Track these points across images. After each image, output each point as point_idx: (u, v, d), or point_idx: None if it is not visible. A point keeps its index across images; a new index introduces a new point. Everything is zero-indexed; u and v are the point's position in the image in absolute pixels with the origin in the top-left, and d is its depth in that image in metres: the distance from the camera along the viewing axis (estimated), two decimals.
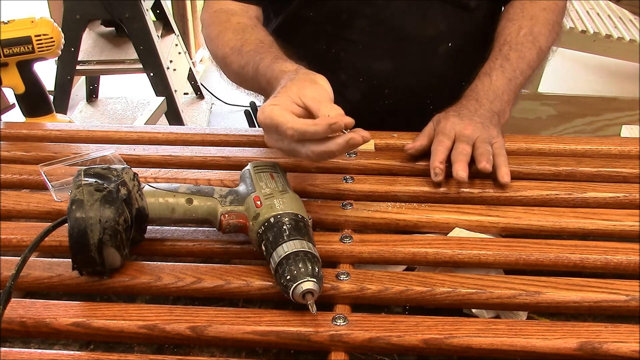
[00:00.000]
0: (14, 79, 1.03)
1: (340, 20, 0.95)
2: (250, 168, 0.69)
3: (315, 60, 0.98)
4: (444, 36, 0.96)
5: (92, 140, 0.93)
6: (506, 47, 0.91)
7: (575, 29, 2.26)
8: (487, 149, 0.77)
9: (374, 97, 0.96)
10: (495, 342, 0.55)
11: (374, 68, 0.96)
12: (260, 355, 0.59)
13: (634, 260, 0.65)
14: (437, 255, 0.66)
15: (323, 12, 0.95)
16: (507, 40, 0.92)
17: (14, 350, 0.56)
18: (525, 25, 0.93)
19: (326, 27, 0.96)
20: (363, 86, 0.98)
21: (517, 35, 0.92)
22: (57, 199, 0.75)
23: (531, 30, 0.92)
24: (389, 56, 0.84)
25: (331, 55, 0.97)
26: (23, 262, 0.58)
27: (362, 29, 0.95)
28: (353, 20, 0.95)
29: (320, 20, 0.96)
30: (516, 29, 0.92)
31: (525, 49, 0.92)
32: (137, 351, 0.60)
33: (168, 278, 0.62)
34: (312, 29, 0.96)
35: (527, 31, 0.92)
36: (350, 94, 0.98)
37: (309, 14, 0.96)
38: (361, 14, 0.94)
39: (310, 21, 0.96)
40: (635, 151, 0.87)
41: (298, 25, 0.97)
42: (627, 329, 0.56)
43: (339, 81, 0.98)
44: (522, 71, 0.90)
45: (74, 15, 2.24)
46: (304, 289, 0.55)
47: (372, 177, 0.80)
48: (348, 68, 0.97)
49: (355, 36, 0.95)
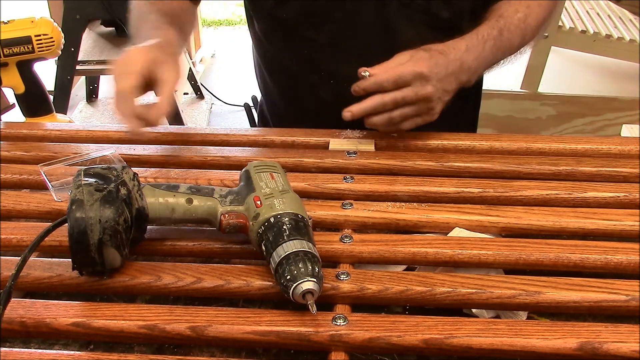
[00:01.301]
0: (14, 79, 1.03)
1: (310, 22, 0.96)
2: (250, 168, 0.69)
3: (293, 60, 1.01)
4: (414, 43, 0.95)
5: (92, 140, 0.93)
6: (502, 21, 0.90)
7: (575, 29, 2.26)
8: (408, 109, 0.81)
9: (344, 98, 0.97)
10: (495, 342, 0.55)
11: (343, 71, 0.94)
12: (260, 355, 0.59)
13: (634, 260, 0.65)
14: (437, 255, 0.66)
15: (295, 14, 0.96)
16: (504, 15, 0.91)
17: (14, 350, 0.56)
18: (521, 10, 0.92)
19: (298, 29, 0.97)
20: (334, 88, 0.98)
21: (513, 16, 0.91)
22: (57, 199, 0.75)
23: (525, 18, 0.92)
24: (357, 60, 0.85)
25: (305, 57, 0.99)
26: (23, 262, 0.58)
27: (332, 33, 0.95)
28: (324, 23, 0.95)
29: (293, 22, 0.96)
30: (513, 10, 0.92)
31: (515, 34, 0.91)
32: (137, 351, 0.60)
33: (168, 278, 0.62)
34: (288, 29, 0.97)
35: (522, 17, 0.92)
36: (322, 94, 1.00)
37: (282, 15, 0.96)
38: (331, 17, 0.95)
39: (284, 22, 0.97)
40: (635, 151, 0.87)
41: (275, 26, 0.99)
42: (627, 329, 0.56)
43: (311, 82, 1.01)
44: (503, 52, 0.91)
45: (74, 15, 2.24)
46: (304, 289, 0.55)
47: (372, 177, 0.80)
48: (319, 70, 0.99)
49: (326, 39, 0.96)
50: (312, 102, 1.03)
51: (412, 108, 0.82)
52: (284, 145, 0.90)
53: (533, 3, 0.94)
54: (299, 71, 1.01)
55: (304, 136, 0.91)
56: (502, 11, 0.92)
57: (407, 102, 0.82)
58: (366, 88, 0.81)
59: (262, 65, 1.08)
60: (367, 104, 0.82)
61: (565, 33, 2.25)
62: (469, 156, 0.85)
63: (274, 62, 1.05)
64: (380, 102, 0.81)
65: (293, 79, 1.03)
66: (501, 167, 0.82)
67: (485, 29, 0.89)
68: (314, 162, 0.84)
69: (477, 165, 0.83)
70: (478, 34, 0.88)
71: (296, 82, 1.03)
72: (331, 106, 0.86)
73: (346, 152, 0.86)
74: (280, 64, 1.04)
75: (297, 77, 1.02)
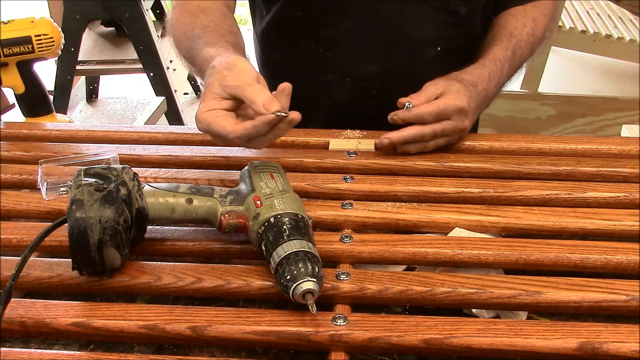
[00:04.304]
0: (14, 79, 1.03)
1: (326, 20, 0.95)
2: (250, 168, 0.69)
3: (303, 59, 0.99)
4: (432, 40, 0.96)
5: (92, 140, 0.93)
6: (513, 40, 0.91)
7: (575, 29, 2.26)
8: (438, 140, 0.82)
9: (361, 97, 0.96)
10: (495, 342, 0.55)
11: (361, 69, 0.96)
12: (260, 355, 0.59)
13: (634, 260, 0.65)
14: (437, 255, 0.66)
15: (310, 11, 0.95)
16: (514, 33, 0.92)
17: (14, 350, 0.56)
18: (528, 24, 0.93)
19: (313, 27, 0.96)
20: (350, 87, 0.98)
21: (522, 32, 0.92)
22: (45, 197, 0.75)
23: (533, 31, 0.93)
24: (375, 58, 0.84)
25: (318, 55, 0.97)
26: (23, 262, 0.58)
27: (348, 30, 0.95)
28: (340, 21, 0.94)
29: (307, 20, 0.95)
30: (521, 25, 0.93)
31: (526, 50, 0.92)
32: (137, 351, 0.60)
33: (168, 278, 0.62)
34: (300, 28, 0.96)
35: (530, 31, 0.93)
36: (337, 93, 0.99)
37: (296, 13, 0.95)
38: (348, 15, 0.94)
39: (298, 20, 0.96)
40: (635, 151, 0.87)
41: (286, 24, 0.98)
42: (627, 329, 0.56)
43: (325, 81, 0.99)
44: (516, 69, 0.93)
45: (74, 15, 2.24)
46: (304, 289, 0.55)
47: (372, 177, 0.80)
48: (335, 69, 0.97)
49: (341, 37, 0.95)
50: (324, 102, 1.01)
51: (445, 139, 0.84)
52: (284, 145, 0.90)
53: (538, 15, 0.95)
54: (309, 71, 0.99)
55: (304, 136, 0.91)
56: (511, 29, 0.93)
57: (445, 135, 0.83)
58: (406, 119, 0.82)
59: (267, 65, 1.06)
60: (407, 134, 0.82)
61: (565, 33, 2.25)
62: (469, 156, 0.85)
63: (281, 62, 1.03)
64: (420, 134, 0.82)
65: (303, 79, 1.02)
66: (501, 167, 0.82)
67: (500, 52, 0.90)
68: (314, 162, 0.84)
69: (477, 165, 0.83)
70: (496, 60, 0.89)
71: (306, 82, 1.01)
72: (346, 105, 0.85)
73: (346, 152, 0.86)
74: (288, 63, 1.02)
75: (308, 77, 0.99)
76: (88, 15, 2.29)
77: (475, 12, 0.97)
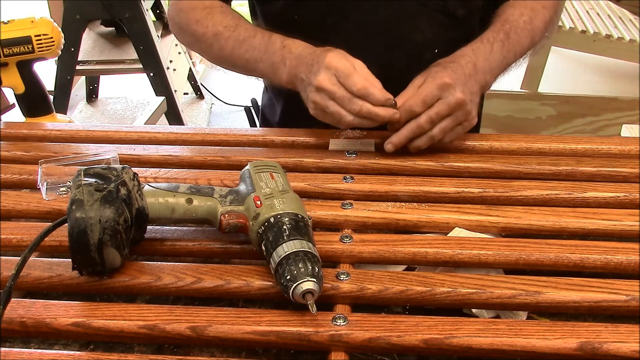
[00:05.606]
0: (14, 79, 1.03)
1: (325, 24, 0.95)
2: (250, 168, 0.69)
3: None
4: (430, 42, 0.96)
5: (92, 140, 0.93)
6: (507, 25, 0.91)
7: (575, 29, 2.26)
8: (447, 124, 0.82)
9: None
10: (495, 342, 0.55)
11: None
12: (260, 355, 0.59)
13: (634, 260, 0.65)
14: (437, 255, 0.66)
15: (308, 15, 0.95)
16: (509, 19, 0.92)
17: (14, 350, 0.56)
18: (526, 13, 0.93)
19: (312, 31, 0.95)
20: None
21: (518, 19, 0.92)
22: (45, 197, 0.75)
23: (531, 20, 0.93)
24: (374, 60, 0.84)
25: None
26: (23, 262, 0.58)
27: (347, 33, 0.95)
28: (339, 24, 0.95)
29: (306, 23, 0.96)
30: (518, 14, 0.93)
31: (523, 36, 0.92)
32: (137, 351, 0.60)
33: (168, 278, 0.62)
34: (298, 31, 0.97)
35: (528, 20, 0.93)
36: None
37: (294, 16, 0.96)
38: (347, 18, 0.94)
39: (296, 24, 0.96)
40: (635, 151, 0.87)
41: (285, 26, 0.98)
42: (627, 329, 0.56)
43: None
44: (514, 54, 0.91)
45: (74, 15, 2.24)
46: (304, 289, 0.55)
47: (372, 177, 0.80)
48: None
49: (340, 40, 0.95)
50: None
51: (449, 120, 0.82)
52: (284, 145, 0.90)
53: (536, 6, 0.95)
54: None
55: (304, 136, 0.91)
56: (507, 16, 0.93)
57: (443, 116, 0.81)
58: (400, 120, 0.81)
59: None
60: (405, 132, 0.82)
61: (565, 33, 2.25)
62: (469, 156, 0.85)
63: None
64: (416, 126, 0.81)
65: None
66: (501, 167, 0.82)
67: (489, 33, 0.90)
68: (314, 162, 0.84)
69: (477, 165, 0.83)
70: (482, 39, 0.89)
71: None
72: None
73: (346, 152, 0.86)
74: None
75: None
76: (88, 15, 2.30)
77: (473, 14, 0.98)
